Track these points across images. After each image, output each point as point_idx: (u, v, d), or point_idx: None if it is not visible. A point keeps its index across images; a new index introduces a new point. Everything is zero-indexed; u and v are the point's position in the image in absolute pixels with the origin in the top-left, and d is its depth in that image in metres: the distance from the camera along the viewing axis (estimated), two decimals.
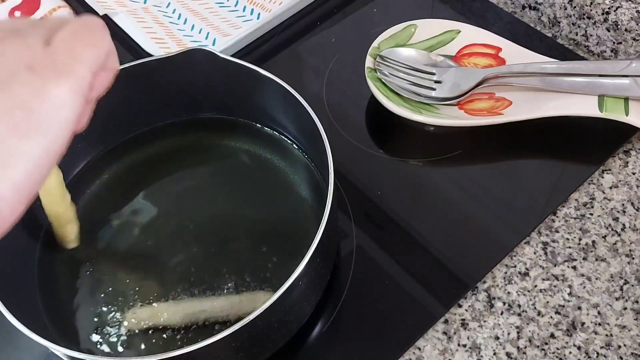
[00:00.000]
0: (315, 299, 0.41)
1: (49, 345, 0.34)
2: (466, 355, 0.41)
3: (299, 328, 0.41)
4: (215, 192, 0.47)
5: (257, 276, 0.42)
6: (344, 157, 0.50)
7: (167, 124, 0.50)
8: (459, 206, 0.48)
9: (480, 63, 0.54)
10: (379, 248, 0.45)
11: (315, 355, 0.41)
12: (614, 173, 0.49)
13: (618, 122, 0.48)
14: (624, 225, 0.46)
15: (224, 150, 0.49)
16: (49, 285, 0.43)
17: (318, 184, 0.46)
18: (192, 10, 0.63)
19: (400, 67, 0.53)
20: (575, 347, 0.41)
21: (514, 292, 0.43)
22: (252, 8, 0.63)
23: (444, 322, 0.42)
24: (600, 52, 0.57)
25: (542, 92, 0.50)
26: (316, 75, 0.57)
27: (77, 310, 0.41)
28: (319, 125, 0.40)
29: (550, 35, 0.59)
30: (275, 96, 0.45)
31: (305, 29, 0.61)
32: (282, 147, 0.49)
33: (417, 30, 0.55)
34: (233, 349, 0.36)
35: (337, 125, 0.53)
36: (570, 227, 0.46)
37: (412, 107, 0.51)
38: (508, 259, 0.45)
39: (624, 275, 0.44)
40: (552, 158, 0.50)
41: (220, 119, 0.50)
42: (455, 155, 0.51)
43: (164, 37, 0.59)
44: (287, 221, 0.45)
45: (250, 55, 0.59)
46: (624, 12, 0.52)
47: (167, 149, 0.50)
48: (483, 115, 0.50)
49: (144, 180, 0.48)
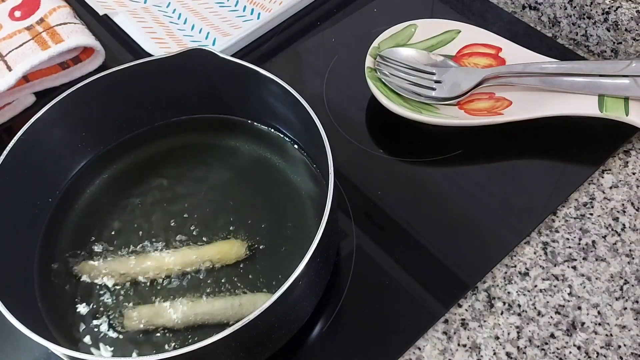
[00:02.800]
0: (315, 299, 0.41)
1: (49, 345, 0.34)
2: (466, 355, 0.41)
3: (299, 328, 0.40)
4: (215, 192, 0.47)
5: (256, 276, 0.42)
6: (344, 157, 0.50)
7: (167, 123, 0.50)
8: (459, 206, 0.48)
9: (480, 63, 0.54)
10: (379, 248, 0.45)
11: (315, 355, 0.41)
12: (614, 173, 0.49)
13: (618, 122, 0.48)
14: (624, 225, 0.46)
15: (224, 150, 0.49)
16: (49, 286, 0.43)
17: (318, 184, 0.46)
18: (192, 10, 0.63)
19: (400, 67, 0.53)
20: (575, 347, 0.41)
21: (514, 292, 0.43)
22: (252, 8, 0.63)
23: (444, 322, 0.42)
24: (600, 52, 0.57)
25: (542, 92, 0.50)
26: (316, 75, 0.57)
27: (77, 310, 0.41)
28: (319, 125, 0.40)
29: (550, 35, 0.59)
30: (275, 96, 0.45)
31: (305, 29, 0.61)
32: (282, 147, 0.49)
33: (417, 30, 0.55)
34: (233, 349, 0.36)
35: (337, 125, 0.53)
36: (570, 227, 0.46)
37: (412, 107, 0.51)
38: (508, 259, 0.45)
39: (624, 275, 0.44)
40: (552, 158, 0.50)
41: (220, 118, 0.50)
42: (455, 155, 0.51)
43: (164, 37, 0.59)
44: (286, 221, 0.45)
45: (250, 55, 0.59)
46: (624, 12, 0.52)
47: (167, 149, 0.50)
48: (483, 115, 0.50)
49: (144, 180, 0.48)
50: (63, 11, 0.58)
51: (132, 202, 0.46)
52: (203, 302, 0.41)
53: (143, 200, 0.47)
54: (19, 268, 0.42)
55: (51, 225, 0.45)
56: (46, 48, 0.54)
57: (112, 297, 0.42)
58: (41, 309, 0.41)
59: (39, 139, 0.43)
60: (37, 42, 0.55)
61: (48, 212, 0.46)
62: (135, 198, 0.47)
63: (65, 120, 0.45)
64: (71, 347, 0.37)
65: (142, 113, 0.49)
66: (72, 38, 0.55)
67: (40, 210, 0.45)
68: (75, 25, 0.57)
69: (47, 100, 0.44)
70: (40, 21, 0.57)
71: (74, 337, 0.40)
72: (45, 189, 0.46)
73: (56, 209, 0.46)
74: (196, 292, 0.42)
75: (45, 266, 0.43)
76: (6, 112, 0.55)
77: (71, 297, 0.42)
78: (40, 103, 0.56)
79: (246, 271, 0.42)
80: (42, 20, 0.57)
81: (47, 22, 0.57)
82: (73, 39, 0.55)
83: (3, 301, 0.35)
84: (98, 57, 0.58)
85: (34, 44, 0.55)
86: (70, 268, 0.43)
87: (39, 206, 0.45)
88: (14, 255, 0.41)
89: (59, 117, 0.44)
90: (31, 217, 0.44)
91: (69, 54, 0.56)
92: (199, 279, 0.42)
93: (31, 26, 0.57)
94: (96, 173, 0.48)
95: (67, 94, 0.44)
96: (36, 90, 0.56)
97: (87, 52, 0.57)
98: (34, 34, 0.56)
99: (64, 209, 0.46)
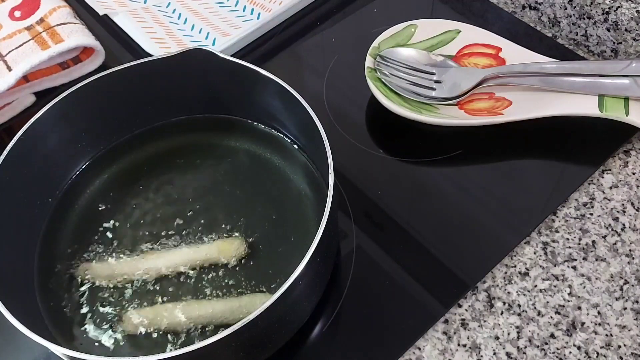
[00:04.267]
0: (315, 299, 0.41)
1: (49, 346, 0.34)
2: (466, 355, 0.41)
3: (299, 328, 0.40)
4: (215, 192, 0.47)
5: (256, 276, 0.42)
6: (344, 157, 0.50)
7: (167, 123, 0.50)
8: (459, 206, 0.48)
9: (480, 63, 0.54)
10: (379, 248, 0.45)
11: (315, 355, 0.41)
12: (614, 173, 0.49)
13: (618, 122, 0.48)
14: (624, 225, 0.46)
15: (224, 150, 0.49)
16: (49, 286, 0.43)
17: (318, 184, 0.46)
18: (192, 10, 0.63)
19: (400, 67, 0.53)
20: (575, 347, 0.41)
21: (514, 292, 0.43)
22: (252, 8, 0.63)
23: (444, 322, 0.42)
24: (600, 52, 0.57)
25: (542, 92, 0.50)
26: (316, 75, 0.57)
27: (77, 310, 0.41)
28: (319, 125, 0.40)
29: (550, 35, 0.59)
30: (275, 96, 0.45)
31: (305, 29, 0.61)
32: (282, 147, 0.49)
33: (417, 30, 0.55)
34: (233, 349, 0.36)
35: (337, 125, 0.53)
36: (570, 227, 0.46)
37: (412, 107, 0.51)
38: (508, 259, 0.45)
39: (624, 275, 0.44)
40: (552, 158, 0.50)
41: (220, 118, 0.50)
42: (455, 155, 0.51)
43: (164, 37, 0.59)
44: (286, 221, 0.45)
45: (250, 55, 0.59)
46: (624, 12, 0.52)
47: (167, 149, 0.50)
48: (483, 115, 0.50)
49: (144, 180, 0.48)
50: (63, 11, 0.58)
51: (132, 203, 0.46)
52: (202, 305, 0.41)
53: (143, 200, 0.47)
54: (19, 268, 0.42)
55: (51, 225, 0.45)
56: (46, 48, 0.54)
57: (111, 297, 0.42)
58: (41, 309, 0.41)
59: (39, 139, 0.43)
60: (37, 42, 0.55)
61: (48, 212, 0.46)
62: (135, 198, 0.47)
63: (65, 120, 0.45)
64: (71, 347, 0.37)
65: (142, 113, 0.49)
66: (72, 38, 0.55)
67: (40, 210, 0.45)
68: (75, 25, 0.57)
69: (47, 100, 0.44)
70: (40, 21, 0.57)
71: (74, 337, 0.40)
72: (45, 189, 0.46)
73: (56, 209, 0.46)
74: (196, 292, 0.42)
75: (45, 266, 0.43)
76: (6, 112, 0.55)
77: (71, 297, 0.42)
78: (40, 103, 0.56)
79: (246, 271, 0.42)
80: (42, 20, 0.57)
81: (47, 22, 0.57)
82: (73, 39, 0.55)
83: (3, 301, 0.35)
84: (98, 57, 0.58)
85: (34, 44, 0.55)
86: (70, 268, 0.43)
87: (39, 206, 0.45)
88: (14, 255, 0.41)
89: (59, 117, 0.44)
90: (31, 217, 0.44)
91: (69, 54, 0.56)
92: (199, 279, 0.42)
93: (31, 26, 0.57)
94: (96, 173, 0.48)
95: (67, 94, 0.44)
96: (36, 90, 0.56)
97: (87, 52, 0.57)
98: (34, 34, 0.56)
99: (64, 209, 0.46)
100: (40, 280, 0.43)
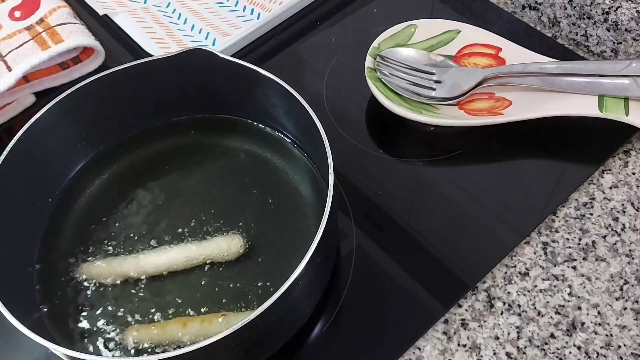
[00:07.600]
0: (315, 299, 0.41)
1: (49, 345, 0.34)
2: (466, 355, 0.41)
3: (299, 328, 0.41)
4: (215, 192, 0.47)
5: (256, 276, 0.42)
6: (344, 157, 0.50)
7: (167, 124, 0.51)
8: (459, 206, 0.48)
9: (480, 63, 0.54)
10: (379, 248, 0.45)
11: (315, 355, 0.41)
12: (614, 173, 0.49)
13: (618, 122, 0.48)
14: (624, 225, 0.46)
15: (223, 149, 0.49)
16: (49, 286, 0.43)
17: (318, 184, 0.46)
18: (192, 10, 0.63)
19: (400, 67, 0.53)
20: (575, 347, 0.41)
21: (514, 292, 0.43)
22: (252, 8, 0.63)
23: (444, 322, 0.42)
24: (600, 52, 0.57)
25: (542, 92, 0.50)
26: (316, 75, 0.57)
27: (77, 310, 0.41)
28: (319, 125, 0.40)
29: (550, 35, 0.59)
30: (275, 96, 0.45)
31: (305, 29, 0.61)
32: (282, 147, 0.49)
33: (417, 30, 0.55)
34: (233, 349, 0.36)
35: (337, 125, 0.53)
36: (570, 227, 0.46)
37: (412, 107, 0.51)
38: (508, 259, 0.45)
39: (624, 275, 0.44)
40: (552, 158, 0.50)
41: (220, 118, 0.50)
42: (455, 155, 0.51)
43: (164, 37, 0.59)
44: (287, 221, 0.45)
45: (250, 55, 0.59)
46: (624, 12, 0.52)
47: (167, 149, 0.50)
48: (483, 115, 0.50)
49: (144, 180, 0.48)
50: (63, 11, 0.58)
51: (132, 202, 0.46)
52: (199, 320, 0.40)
53: (143, 200, 0.47)
54: (19, 268, 0.42)
55: (51, 225, 0.45)
56: (46, 48, 0.54)
57: (112, 297, 0.42)
58: (41, 310, 0.41)
59: (39, 139, 0.43)
60: (37, 42, 0.55)
61: (48, 212, 0.46)
62: (135, 198, 0.47)
63: (65, 120, 0.45)
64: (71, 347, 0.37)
65: (142, 113, 0.49)
66: (72, 38, 0.55)
67: (40, 210, 0.45)
68: (75, 25, 0.57)
69: (47, 100, 0.44)
70: (40, 21, 0.57)
71: (74, 337, 0.40)
72: (45, 189, 0.46)
73: (56, 209, 0.46)
74: (196, 292, 0.42)
75: (45, 266, 0.43)
76: (6, 112, 0.55)
77: (71, 297, 0.42)
78: (40, 103, 0.56)
79: (246, 271, 0.42)
80: (42, 20, 0.57)
81: (47, 22, 0.57)
82: (73, 39, 0.55)
83: (3, 301, 0.35)
84: (98, 57, 0.58)
85: (33, 44, 0.55)
86: (70, 268, 0.43)
87: (39, 206, 0.45)
88: (14, 255, 0.41)
89: (59, 117, 0.44)
90: (31, 217, 0.44)
91: (68, 54, 0.56)
92: (199, 279, 0.42)
93: (31, 26, 0.57)
94: (96, 173, 0.48)
95: (67, 94, 0.44)
96: (36, 90, 0.56)
97: (87, 52, 0.57)
98: (33, 34, 0.56)
99: (64, 209, 0.46)
100: (40, 281, 0.43)
